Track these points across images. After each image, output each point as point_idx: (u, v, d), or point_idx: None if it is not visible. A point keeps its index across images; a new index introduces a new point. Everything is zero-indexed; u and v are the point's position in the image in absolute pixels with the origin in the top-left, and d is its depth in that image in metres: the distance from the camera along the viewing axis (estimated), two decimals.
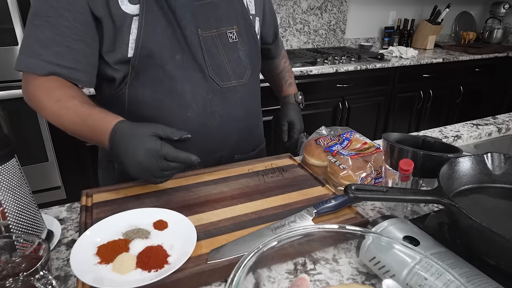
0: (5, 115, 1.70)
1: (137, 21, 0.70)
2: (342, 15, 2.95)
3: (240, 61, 0.82)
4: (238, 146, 0.89)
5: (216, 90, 0.79)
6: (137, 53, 0.71)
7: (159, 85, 0.75)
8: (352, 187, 0.54)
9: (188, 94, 0.77)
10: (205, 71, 0.77)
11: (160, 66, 0.74)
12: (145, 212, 0.64)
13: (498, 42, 3.40)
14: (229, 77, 0.80)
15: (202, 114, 0.79)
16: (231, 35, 0.80)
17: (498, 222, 0.60)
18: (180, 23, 0.73)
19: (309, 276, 0.50)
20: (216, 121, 0.81)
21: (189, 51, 0.75)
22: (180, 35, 0.74)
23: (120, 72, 0.75)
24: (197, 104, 0.78)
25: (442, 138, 1.11)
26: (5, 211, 0.53)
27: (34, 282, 0.42)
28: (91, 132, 0.69)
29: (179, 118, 0.77)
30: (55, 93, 0.70)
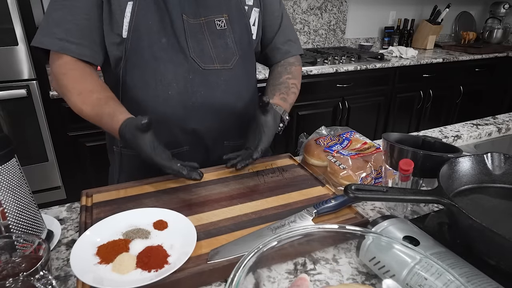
0: (5, 115, 1.70)
1: (131, 6, 0.77)
2: (342, 15, 2.95)
3: (227, 47, 0.86)
4: (226, 131, 0.90)
5: (197, 70, 0.83)
6: (129, 36, 0.78)
7: (145, 65, 0.81)
8: (352, 187, 0.54)
9: (170, 74, 0.81)
10: (186, 53, 0.81)
11: (148, 47, 0.80)
12: (145, 212, 0.64)
13: (498, 42, 3.40)
14: (212, 61, 0.84)
15: (183, 93, 0.83)
16: (219, 23, 0.85)
17: (498, 222, 0.60)
18: (168, 10, 0.79)
19: (309, 276, 0.50)
20: (198, 101, 0.84)
21: (174, 35, 0.80)
22: (167, 20, 0.80)
23: (115, 54, 0.81)
24: (178, 83, 0.82)
25: (442, 138, 1.11)
26: (5, 211, 0.53)
27: (34, 282, 0.42)
28: (106, 128, 0.77)
29: (161, 96, 0.82)
30: (77, 86, 0.78)
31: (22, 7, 1.59)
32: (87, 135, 1.86)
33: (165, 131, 0.83)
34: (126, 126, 0.70)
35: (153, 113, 0.81)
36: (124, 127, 0.71)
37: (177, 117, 0.83)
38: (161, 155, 0.70)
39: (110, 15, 0.77)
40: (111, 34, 0.79)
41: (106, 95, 0.78)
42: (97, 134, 1.88)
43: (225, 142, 0.92)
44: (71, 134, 1.82)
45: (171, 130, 0.84)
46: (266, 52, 1.02)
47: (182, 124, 0.84)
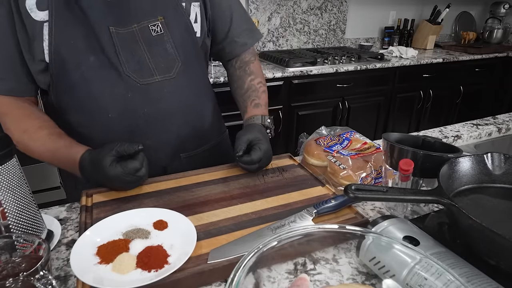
0: None
1: (47, 27, 0.70)
2: (342, 15, 2.95)
3: (166, 54, 0.78)
4: (181, 144, 0.85)
5: (135, 87, 0.75)
6: (52, 59, 0.71)
7: (77, 89, 0.75)
8: (352, 187, 0.54)
9: (106, 95, 0.75)
10: (119, 69, 0.74)
11: (75, 69, 0.73)
12: (145, 212, 0.64)
13: (498, 42, 3.40)
14: (151, 73, 0.76)
15: (124, 113, 0.76)
16: (154, 28, 0.76)
17: (498, 222, 0.60)
18: (91, 23, 0.71)
19: (309, 276, 0.50)
20: (141, 119, 0.78)
21: (102, 51, 0.73)
22: (92, 36, 0.72)
23: (43, 81, 0.75)
24: (116, 104, 0.76)
25: (442, 138, 1.11)
26: (5, 211, 0.53)
27: (34, 282, 0.42)
28: (62, 165, 0.75)
29: (101, 120, 0.77)
30: (22, 124, 0.74)
31: None
32: None
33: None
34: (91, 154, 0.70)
35: (95, 139, 0.76)
36: (88, 154, 0.70)
37: (123, 140, 0.72)
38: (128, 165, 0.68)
39: (28, 41, 0.70)
40: (34, 61, 0.72)
41: (58, 131, 0.76)
42: None
43: (182, 155, 0.87)
44: None
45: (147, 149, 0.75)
46: (223, 46, 0.93)
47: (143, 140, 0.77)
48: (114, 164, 0.68)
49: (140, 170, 0.70)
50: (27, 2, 0.68)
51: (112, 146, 0.69)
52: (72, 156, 0.72)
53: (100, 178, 0.70)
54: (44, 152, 0.73)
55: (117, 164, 0.68)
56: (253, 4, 2.54)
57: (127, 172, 0.68)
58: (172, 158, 0.86)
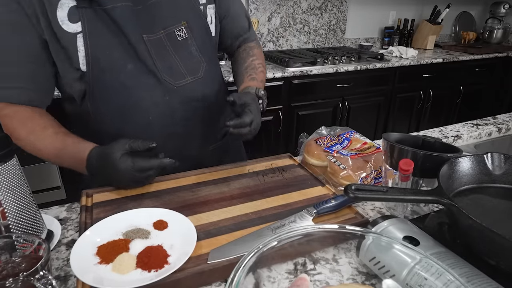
0: None
1: (81, 38, 0.71)
2: (342, 15, 2.95)
3: (192, 56, 0.82)
4: (208, 137, 0.90)
5: (171, 90, 0.79)
6: (89, 68, 0.73)
7: (117, 96, 0.77)
8: (352, 187, 0.54)
9: (147, 100, 0.78)
10: (157, 75, 0.77)
11: (114, 78, 0.75)
12: (145, 212, 0.64)
13: (498, 42, 3.40)
14: (183, 75, 0.81)
15: (163, 115, 0.80)
16: (179, 33, 0.80)
17: (498, 222, 0.60)
18: (124, 32, 0.73)
19: (309, 276, 0.50)
20: (178, 118, 0.82)
21: (139, 59, 0.75)
22: (127, 45, 0.74)
23: (79, 89, 0.76)
24: (156, 107, 0.79)
25: (442, 138, 1.11)
26: (5, 211, 0.53)
27: (34, 282, 0.42)
28: (68, 163, 0.74)
29: (141, 123, 0.79)
30: (28, 124, 0.74)
31: None
32: None
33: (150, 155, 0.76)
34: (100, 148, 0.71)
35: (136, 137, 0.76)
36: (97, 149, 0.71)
37: (163, 138, 0.78)
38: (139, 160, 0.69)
39: (63, 51, 0.71)
40: (70, 69, 0.73)
41: (64, 130, 0.76)
42: None
43: (210, 147, 0.92)
44: None
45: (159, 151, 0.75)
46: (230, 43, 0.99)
47: (168, 143, 0.81)
48: (125, 157, 0.68)
49: (150, 170, 0.70)
50: (58, 14, 0.69)
51: (125, 141, 0.70)
52: (80, 152, 0.72)
53: (107, 173, 0.69)
54: (51, 150, 0.73)
55: (128, 157, 0.68)
56: (253, 4, 2.54)
57: (137, 168, 0.68)
58: (203, 150, 0.90)
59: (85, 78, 0.74)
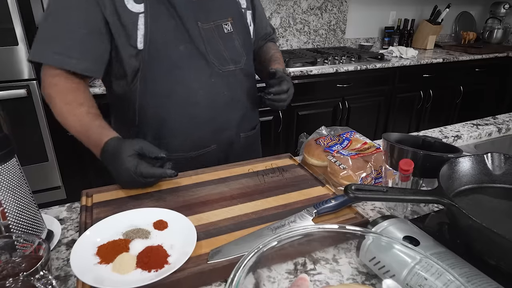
0: (5, 115, 1.70)
1: (143, 18, 0.78)
2: (342, 15, 2.95)
3: (235, 48, 0.91)
4: (241, 125, 0.97)
5: (217, 74, 0.87)
6: (146, 47, 0.79)
7: (168, 74, 0.83)
8: (352, 187, 0.54)
9: (195, 80, 0.85)
10: (207, 58, 0.85)
11: (167, 57, 0.81)
12: (145, 212, 0.64)
13: (498, 42, 3.40)
14: (227, 62, 0.89)
15: (208, 96, 0.87)
16: (226, 27, 0.89)
17: (498, 222, 0.60)
18: (181, 18, 0.81)
19: (309, 276, 0.50)
20: (221, 101, 0.90)
21: (192, 42, 0.83)
22: (182, 28, 0.82)
23: (133, 66, 0.81)
24: (203, 88, 0.86)
25: (442, 138, 1.11)
26: (5, 211, 0.53)
27: (34, 282, 0.42)
28: (87, 144, 0.78)
29: (189, 102, 0.86)
30: (68, 96, 0.78)
31: (22, 7, 1.59)
32: None
33: (194, 133, 0.88)
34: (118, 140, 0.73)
35: (181, 116, 0.86)
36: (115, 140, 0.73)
37: (206, 118, 0.88)
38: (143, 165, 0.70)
39: (122, 28, 0.78)
40: (127, 46, 0.79)
41: (96, 112, 0.80)
42: None
43: (241, 135, 0.98)
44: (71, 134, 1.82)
45: (200, 131, 0.89)
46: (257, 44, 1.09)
47: (210, 124, 0.90)
48: (133, 157, 0.70)
49: (151, 177, 0.72)
50: None
51: (140, 142, 0.73)
52: (101, 137, 0.75)
53: (113, 167, 0.72)
54: (77, 127, 0.77)
55: (135, 158, 0.70)
56: None
57: (138, 172, 0.70)
58: (237, 137, 0.97)
59: (140, 56, 0.80)
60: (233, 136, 0.96)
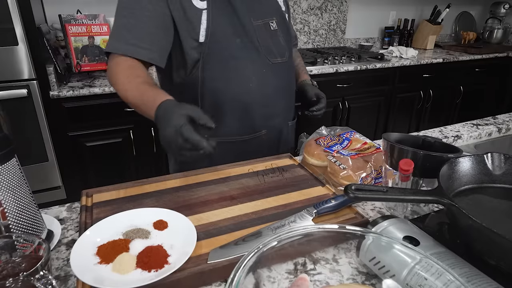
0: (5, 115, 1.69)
1: (206, 14, 0.88)
2: (342, 15, 2.95)
3: (280, 44, 1.01)
4: (287, 113, 1.08)
5: (268, 65, 0.97)
6: (207, 39, 0.89)
7: (226, 63, 0.93)
8: (352, 187, 0.54)
9: (249, 69, 0.95)
10: (259, 50, 0.95)
11: (225, 48, 0.91)
12: (145, 212, 0.64)
13: (498, 42, 3.40)
14: (275, 55, 0.99)
15: (260, 84, 0.97)
16: (272, 24, 1.00)
17: (498, 222, 0.60)
18: (238, 14, 0.92)
19: (309, 276, 0.50)
20: (271, 89, 0.99)
21: (246, 36, 0.93)
22: (238, 24, 0.92)
23: (193, 56, 0.90)
24: (256, 76, 0.96)
25: (442, 138, 1.11)
26: (5, 211, 0.53)
27: (34, 282, 0.42)
28: (144, 106, 0.81)
29: (243, 89, 0.95)
30: (128, 71, 0.86)
31: (22, 7, 1.58)
32: (87, 135, 1.86)
33: (247, 118, 0.97)
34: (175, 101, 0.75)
35: (236, 102, 0.95)
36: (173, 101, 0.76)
37: (257, 105, 0.97)
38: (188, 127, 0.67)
39: (187, 22, 0.87)
40: (189, 39, 0.89)
41: (151, 82, 0.86)
42: (97, 134, 1.88)
43: (289, 123, 1.09)
44: (71, 134, 1.82)
45: (252, 117, 0.98)
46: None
47: (261, 110, 0.98)
48: (183, 116, 0.68)
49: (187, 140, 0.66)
50: None
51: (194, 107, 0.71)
52: (157, 99, 0.77)
53: (162, 123, 0.71)
54: (136, 94, 0.82)
55: (184, 119, 0.68)
56: None
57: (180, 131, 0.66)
58: (284, 124, 1.07)
59: (201, 48, 0.89)
60: (281, 123, 1.06)
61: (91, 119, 1.84)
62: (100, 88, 1.78)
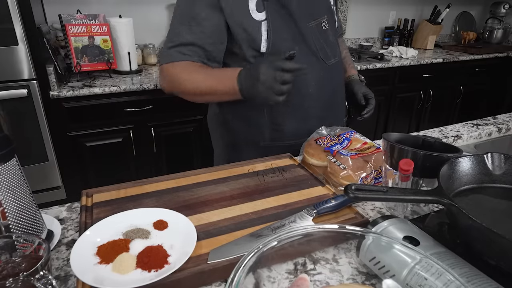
0: (5, 115, 1.69)
1: (265, 25, 0.90)
2: (342, 15, 2.95)
3: (332, 43, 1.03)
4: (340, 112, 1.11)
5: (325, 68, 1.00)
6: (268, 49, 0.91)
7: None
8: (352, 187, 0.54)
9: (308, 75, 0.97)
10: (317, 55, 0.98)
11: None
12: (145, 212, 0.64)
13: (498, 42, 3.40)
14: (329, 57, 1.01)
15: (318, 89, 1.00)
16: (324, 24, 1.00)
17: (498, 222, 0.60)
18: (295, 20, 0.93)
19: (309, 276, 0.50)
20: (328, 91, 1.03)
21: (304, 42, 0.95)
22: (295, 30, 0.94)
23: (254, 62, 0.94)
24: (315, 81, 0.98)
25: (442, 138, 1.11)
26: (5, 211, 0.53)
27: (34, 282, 0.42)
28: (218, 81, 0.88)
29: (303, 93, 0.99)
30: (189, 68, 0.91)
31: (22, 7, 1.58)
32: (87, 135, 1.86)
33: (305, 121, 1.00)
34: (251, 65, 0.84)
35: (296, 108, 0.99)
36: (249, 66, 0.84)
37: (315, 109, 1.01)
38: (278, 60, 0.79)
39: (246, 35, 0.90)
40: (251, 50, 0.92)
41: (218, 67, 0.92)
42: (97, 134, 1.88)
43: (345, 119, 1.14)
44: (71, 134, 1.82)
45: (310, 120, 1.01)
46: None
47: (318, 113, 1.02)
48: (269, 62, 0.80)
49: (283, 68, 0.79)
50: (249, 5, 0.89)
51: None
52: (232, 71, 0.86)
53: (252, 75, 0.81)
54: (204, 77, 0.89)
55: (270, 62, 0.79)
56: None
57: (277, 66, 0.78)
58: (341, 121, 1.12)
59: (262, 57, 0.92)
60: (339, 121, 1.10)
61: (91, 119, 1.84)
62: (100, 88, 1.78)
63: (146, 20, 2.35)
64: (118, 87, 1.81)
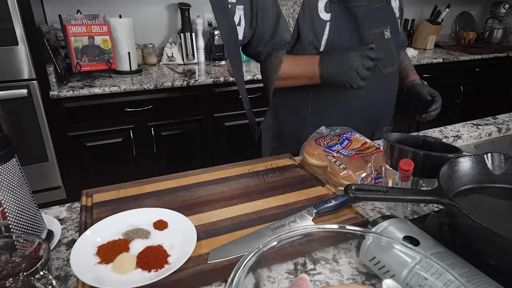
0: (5, 115, 1.69)
1: (328, 26, 0.94)
2: None
3: (391, 53, 1.05)
4: (382, 122, 1.14)
5: (379, 75, 1.02)
6: (325, 49, 0.96)
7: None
8: (352, 187, 0.54)
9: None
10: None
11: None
12: (145, 212, 0.64)
13: (498, 42, 3.40)
14: (386, 65, 1.04)
15: (369, 93, 1.02)
16: (386, 33, 1.03)
17: (498, 222, 0.60)
18: (358, 24, 0.96)
19: (309, 276, 0.50)
20: (378, 98, 1.06)
21: (362, 45, 0.97)
22: (356, 33, 0.97)
23: None
24: (367, 85, 0.96)
25: (442, 138, 1.11)
26: (5, 211, 0.53)
27: (34, 282, 0.42)
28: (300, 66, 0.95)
29: (352, 97, 1.02)
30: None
31: (22, 7, 1.58)
32: (87, 135, 1.86)
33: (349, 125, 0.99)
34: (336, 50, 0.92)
35: (343, 108, 1.03)
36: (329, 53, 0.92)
37: (361, 113, 1.04)
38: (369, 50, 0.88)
39: (312, 33, 0.95)
40: (310, 48, 0.96)
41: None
42: (97, 134, 1.88)
43: (385, 128, 1.16)
44: (71, 134, 1.82)
45: (355, 123, 1.00)
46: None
47: (364, 117, 1.05)
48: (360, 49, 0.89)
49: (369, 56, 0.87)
50: (319, 5, 0.94)
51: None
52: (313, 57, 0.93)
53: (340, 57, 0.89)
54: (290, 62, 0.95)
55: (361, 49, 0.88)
56: None
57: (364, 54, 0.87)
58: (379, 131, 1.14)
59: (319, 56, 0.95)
60: (383, 126, 1.13)
61: (91, 119, 1.84)
62: (100, 88, 1.78)
63: (146, 20, 2.35)
64: (118, 87, 1.82)
